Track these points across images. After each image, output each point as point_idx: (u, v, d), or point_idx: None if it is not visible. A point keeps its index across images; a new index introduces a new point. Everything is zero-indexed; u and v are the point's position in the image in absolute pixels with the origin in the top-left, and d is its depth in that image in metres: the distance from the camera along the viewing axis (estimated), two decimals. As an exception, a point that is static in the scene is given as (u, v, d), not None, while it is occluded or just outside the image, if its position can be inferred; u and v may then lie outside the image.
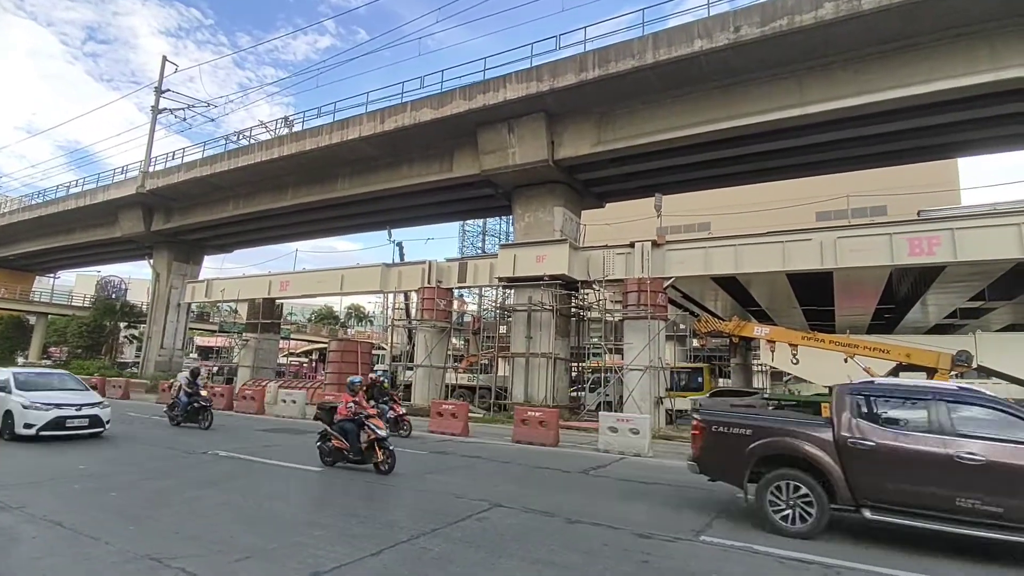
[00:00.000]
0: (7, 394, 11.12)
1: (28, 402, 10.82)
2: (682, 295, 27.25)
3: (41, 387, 11.60)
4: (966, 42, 14.55)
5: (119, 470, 8.76)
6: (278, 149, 25.75)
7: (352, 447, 9.16)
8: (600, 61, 17.74)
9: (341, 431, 9.32)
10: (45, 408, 10.83)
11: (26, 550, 4.98)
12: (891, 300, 25.37)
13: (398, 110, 22.03)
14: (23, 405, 10.78)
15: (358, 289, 28.77)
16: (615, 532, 6.16)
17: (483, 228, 50.83)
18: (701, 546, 5.81)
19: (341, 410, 9.46)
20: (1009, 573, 5.40)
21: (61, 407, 11.02)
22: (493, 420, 19.33)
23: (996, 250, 14.99)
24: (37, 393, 11.21)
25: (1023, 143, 19.54)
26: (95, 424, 11.38)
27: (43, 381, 12.06)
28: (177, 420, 14.72)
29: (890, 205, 33.30)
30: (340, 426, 9.36)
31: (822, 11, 14.52)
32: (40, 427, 10.64)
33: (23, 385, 11.36)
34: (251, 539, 5.48)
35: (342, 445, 9.23)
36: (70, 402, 11.29)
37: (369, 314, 71.47)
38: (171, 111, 35.46)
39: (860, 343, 16.23)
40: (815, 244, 16.79)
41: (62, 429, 10.90)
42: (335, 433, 9.39)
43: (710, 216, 37.51)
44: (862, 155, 20.20)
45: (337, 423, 9.44)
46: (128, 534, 5.52)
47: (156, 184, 31.10)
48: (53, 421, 10.77)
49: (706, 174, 21.95)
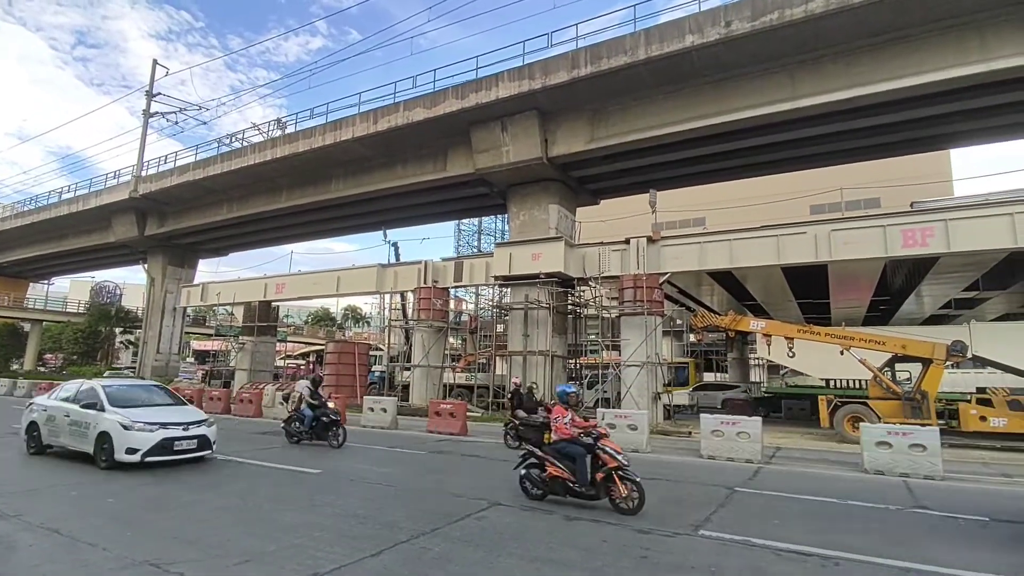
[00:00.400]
0: (99, 412, 9.32)
1: (129, 421, 9.00)
2: (678, 290, 27.30)
3: (135, 402, 9.83)
4: (956, 33, 14.59)
5: (116, 475, 8.73)
6: (271, 151, 25.67)
7: (580, 478, 7.06)
8: (592, 58, 17.74)
9: (561, 455, 7.26)
10: (149, 428, 9.06)
11: (24, 558, 4.97)
12: (886, 292, 25.47)
13: (391, 110, 21.99)
14: (123, 425, 8.97)
15: (354, 290, 28.72)
16: (614, 528, 6.19)
17: (479, 227, 50.78)
18: (700, 540, 5.84)
19: (561, 429, 7.34)
20: (1005, 561, 5.42)
21: (167, 427, 9.27)
22: (492, 419, 19.34)
23: (989, 240, 15.05)
24: (134, 410, 9.39)
25: (1015, 133, 19.60)
26: (203, 445, 9.65)
27: (134, 395, 10.18)
28: (298, 437, 12.66)
29: (883, 197, 33.42)
30: (559, 449, 7.32)
31: (812, 4, 14.55)
32: (146, 451, 8.88)
33: (116, 400, 9.59)
34: (250, 542, 5.48)
35: (562, 475, 7.15)
36: (175, 420, 9.53)
37: (366, 315, 71.41)
38: (163, 115, 35.30)
39: (856, 335, 16.31)
40: (809, 237, 16.83)
41: (169, 453, 9.16)
42: (551, 458, 7.30)
43: (705, 211, 37.66)
44: (855, 148, 20.25)
45: (553, 445, 7.48)
46: (126, 540, 5.51)
47: (149, 188, 30.99)
48: (160, 444, 9.02)
49: (700, 169, 21.98)
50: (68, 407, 9.88)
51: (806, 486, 8.99)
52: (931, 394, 15.17)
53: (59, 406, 10.11)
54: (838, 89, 15.88)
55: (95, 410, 9.37)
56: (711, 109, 17.55)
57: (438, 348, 23.58)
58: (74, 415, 9.67)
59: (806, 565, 5.16)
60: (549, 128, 20.11)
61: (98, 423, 9.17)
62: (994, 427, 15.35)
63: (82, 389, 10.10)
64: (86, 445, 9.28)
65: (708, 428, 12.30)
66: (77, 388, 10.28)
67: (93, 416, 9.32)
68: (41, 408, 10.51)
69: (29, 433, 10.46)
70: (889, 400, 15.64)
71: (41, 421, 10.29)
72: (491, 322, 27.61)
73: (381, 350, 37.43)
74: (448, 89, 20.74)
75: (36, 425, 10.34)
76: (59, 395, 10.54)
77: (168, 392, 11.27)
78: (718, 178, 24.04)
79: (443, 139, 22.22)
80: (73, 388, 10.43)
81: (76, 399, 9.89)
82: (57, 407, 10.13)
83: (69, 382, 11.30)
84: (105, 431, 9.02)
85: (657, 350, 19.13)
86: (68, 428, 9.71)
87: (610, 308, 21.35)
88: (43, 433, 10.19)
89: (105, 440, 8.99)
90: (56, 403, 10.27)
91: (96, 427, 9.16)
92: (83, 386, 10.21)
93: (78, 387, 10.32)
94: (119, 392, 9.96)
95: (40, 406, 10.60)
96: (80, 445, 9.43)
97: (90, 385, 10.16)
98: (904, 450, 10.13)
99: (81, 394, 9.95)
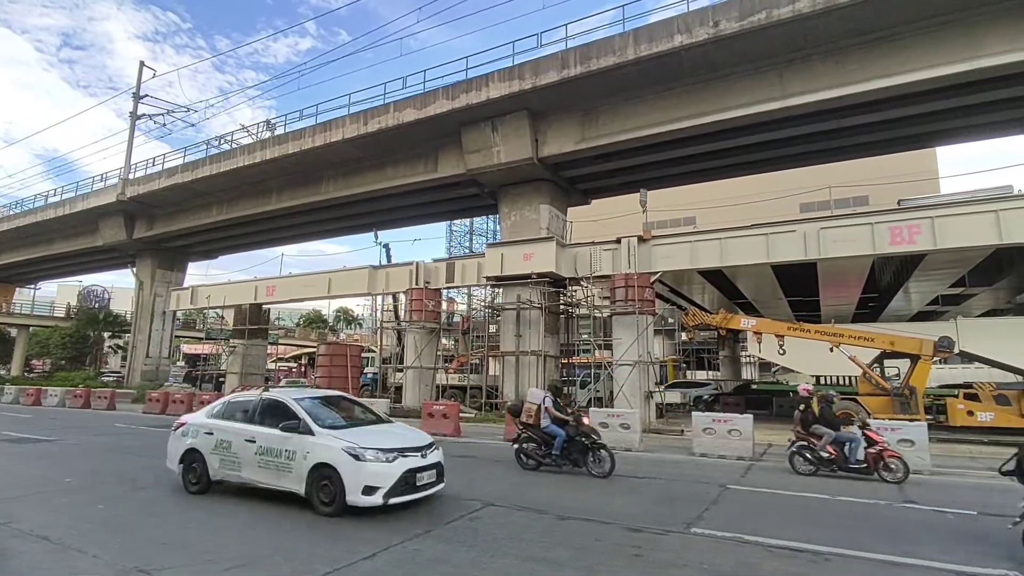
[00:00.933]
0: (306, 436, 6.92)
1: (357, 448, 6.58)
2: (669, 289, 27.44)
3: (338, 421, 7.58)
4: (944, 32, 14.71)
5: (106, 480, 8.65)
6: (260, 153, 25.52)
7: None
8: (581, 58, 17.78)
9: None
10: (386, 458, 6.62)
11: (13, 566, 4.92)
12: (874, 289, 25.72)
13: (381, 111, 21.93)
14: (351, 454, 6.54)
15: (346, 292, 28.61)
16: (607, 527, 6.21)
17: (470, 227, 50.86)
18: (692, 538, 5.87)
19: None
20: (992, 553, 5.50)
21: (404, 453, 6.85)
22: (484, 419, 19.33)
23: (974, 237, 15.23)
24: (349, 432, 7.08)
25: (1002, 131, 19.81)
26: (440, 476, 7.26)
27: (329, 410, 7.82)
28: (538, 462, 9.85)
29: (872, 195, 33.76)
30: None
31: (799, 4, 14.65)
32: (388, 490, 6.45)
33: (319, 419, 7.25)
34: (243, 547, 5.46)
35: None
36: (407, 444, 7.10)
37: (358, 317, 71.14)
38: (150, 117, 34.99)
39: (845, 332, 16.45)
40: (799, 235, 16.96)
41: (412, 490, 6.74)
42: None
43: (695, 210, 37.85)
44: (843, 146, 20.42)
45: None
46: (116, 546, 5.47)
47: (137, 191, 30.71)
48: (403, 479, 6.62)
49: (690, 168, 22.09)
50: (251, 430, 7.40)
51: (797, 482, 9.06)
52: (919, 389, 15.34)
53: (234, 428, 7.61)
54: (827, 88, 16.01)
55: (298, 433, 6.96)
56: (701, 109, 17.64)
57: (430, 349, 23.54)
58: (264, 440, 7.18)
59: (797, 561, 5.20)
60: (540, 128, 20.14)
61: (310, 452, 6.79)
62: (981, 421, 15.54)
63: (263, 404, 7.66)
64: (291, 482, 6.88)
65: (700, 426, 12.38)
66: (252, 403, 7.81)
67: (298, 442, 6.90)
68: (203, 431, 7.88)
69: (186, 464, 7.90)
70: (878, 396, 15.80)
71: (206, 448, 7.70)
72: (483, 323, 27.59)
73: (373, 352, 37.33)
74: (438, 90, 20.71)
75: (198, 454, 7.76)
76: (221, 411, 8.05)
77: (362, 405, 8.93)
78: (708, 177, 24.18)
79: (434, 140, 22.19)
80: (244, 403, 7.98)
81: (259, 418, 7.52)
82: (231, 429, 7.62)
83: (232, 395, 8.84)
84: (325, 463, 6.65)
85: (649, 349, 19.20)
86: (256, 459, 7.20)
87: (602, 307, 21.40)
88: (211, 464, 7.61)
89: (325, 475, 6.63)
90: (227, 424, 7.73)
91: (308, 457, 6.78)
92: (261, 401, 7.72)
93: (252, 402, 7.86)
94: (315, 408, 7.54)
95: (200, 428, 7.95)
96: (279, 482, 7.00)
97: (275, 399, 7.66)
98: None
99: (265, 411, 7.56)
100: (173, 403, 21.28)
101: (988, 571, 5.02)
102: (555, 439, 9.54)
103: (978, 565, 5.15)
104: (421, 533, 5.87)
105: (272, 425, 7.21)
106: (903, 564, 5.19)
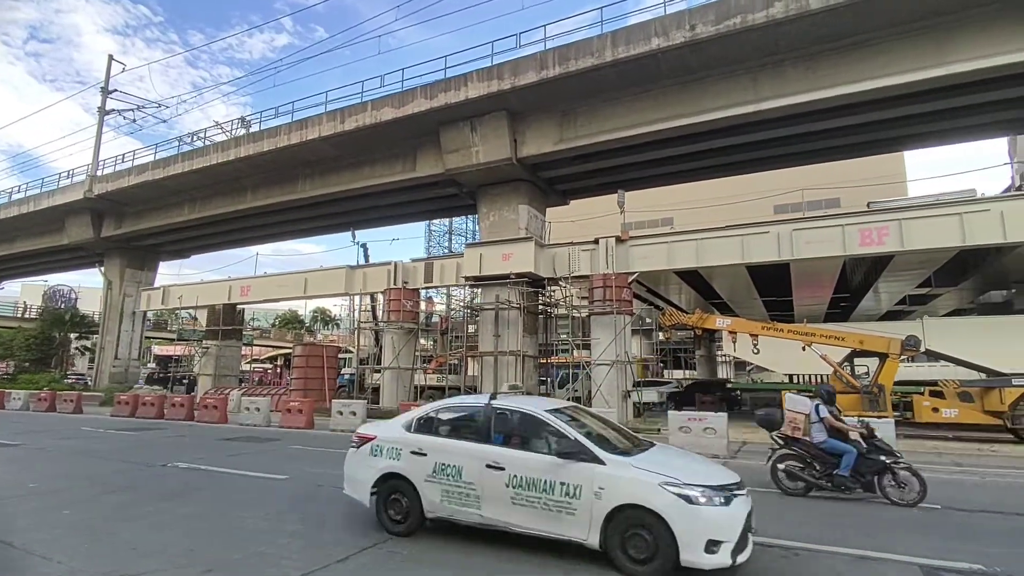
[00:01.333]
0: (595, 466, 5.04)
1: (682, 485, 4.74)
2: (647, 289, 27.74)
3: (619, 444, 5.72)
4: (914, 38, 15.08)
5: (73, 484, 8.40)
6: (235, 150, 25.07)
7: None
8: (560, 59, 17.85)
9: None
10: (721, 499, 4.76)
11: (-30, 575, 4.75)
12: (846, 289, 26.36)
13: (358, 109, 21.72)
14: (682, 495, 4.70)
15: (322, 292, 28.28)
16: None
17: (449, 227, 50.62)
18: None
19: None
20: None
21: (733, 491, 4.92)
22: (463, 420, 19.24)
23: (940, 239, 15.73)
24: (642, 459, 5.24)
25: (970, 135, 20.41)
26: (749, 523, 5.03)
27: (587, 428, 5.79)
28: (809, 484, 8.05)
29: (843, 197, 34.54)
30: None
31: (772, 10, 14.93)
32: (735, 545, 4.61)
33: (605, 443, 5.51)
34: (215, 551, 5.35)
35: None
36: (726, 480, 5.06)
37: (335, 317, 70.35)
38: (119, 112, 34.16)
39: (816, 331, 16.80)
40: (772, 236, 17.29)
41: (746, 543, 4.80)
42: None
43: (672, 211, 38.28)
44: (816, 149, 20.86)
45: None
46: (84, 551, 5.32)
47: (105, 188, 29.90)
48: (745, 529, 4.80)
49: (667, 170, 22.34)
50: (494, 452, 5.43)
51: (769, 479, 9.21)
52: (887, 387, 15.74)
53: (464, 449, 5.61)
54: (799, 92, 16.33)
55: (579, 461, 5.07)
56: (677, 111, 17.85)
57: (409, 350, 23.40)
58: (519, 468, 5.25)
59: (767, 556, 5.29)
60: (519, 129, 20.16)
61: (605, 489, 4.90)
62: (946, 417, 16.00)
63: (502, 416, 5.74)
64: (573, 528, 5.00)
65: (676, 425, 12.54)
66: (478, 413, 5.88)
67: (582, 474, 5.00)
68: (407, 449, 5.86)
69: (383, 494, 5.92)
70: (848, 393, 16.16)
71: (417, 474, 5.72)
72: (462, 323, 27.55)
73: (351, 352, 36.97)
74: (417, 89, 20.59)
75: (404, 482, 5.79)
76: (430, 423, 6.09)
77: (595, 415, 6.72)
78: (686, 179, 24.49)
79: (412, 139, 22.05)
80: (466, 413, 6.17)
81: (498, 435, 5.60)
82: (458, 451, 5.63)
83: (442, 402, 6.62)
84: (635, 505, 4.77)
85: (627, 348, 19.38)
86: (508, 493, 5.24)
87: (580, 308, 21.53)
88: (426, 496, 5.65)
89: (636, 522, 4.76)
90: (451, 443, 5.75)
91: (602, 496, 4.88)
92: (495, 413, 5.76)
93: (477, 411, 5.92)
94: (572, 424, 5.63)
95: (402, 445, 5.92)
96: (552, 527, 5.10)
97: (522, 411, 5.74)
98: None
99: (506, 426, 5.66)
100: (143, 406, 20.77)
101: (954, 564, 5.17)
102: (841, 457, 7.76)
103: (944, 559, 5.30)
104: (388, 538, 5.82)
105: (526, 447, 5.43)
106: (871, 558, 5.32)
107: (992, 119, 18.21)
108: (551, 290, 21.80)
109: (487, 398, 6.03)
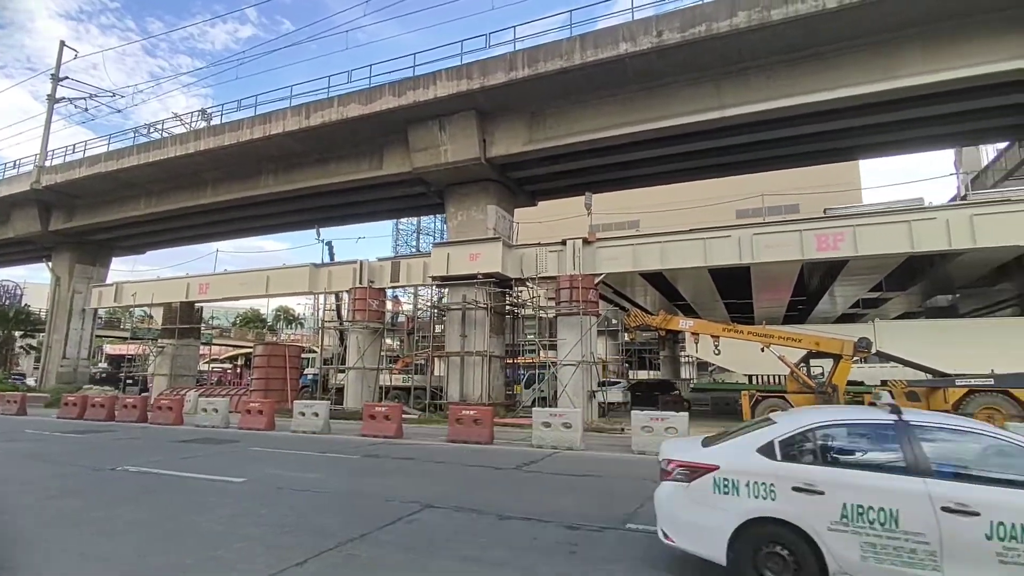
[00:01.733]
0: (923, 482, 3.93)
1: None
2: (613, 291, 28.08)
3: None
4: (863, 53, 15.74)
5: (13, 490, 7.99)
6: (194, 144, 24.31)
7: None
8: (529, 61, 17.92)
9: None
10: None
11: None
12: (803, 292, 27.21)
13: (324, 105, 21.34)
14: None
15: (285, 291, 27.69)
16: (544, 526, 6.26)
17: (417, 226, 50.26)
18: (629, 534, 6.01)
19: None
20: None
21: None
22: (428, 421, 19.14)
23: (890, 245, 16.43)
24: None
25: (920, 146, 21.44)
26: None
27: None
28: None
29: (801, 204, 35.66)
30: None
31: (736, 19, 15.33)
32: None
33: None
34: (165, 557, 5.16)
35: None
36: None
37: (299, 316, 68.91)
38: (71, 100, 32.72)
39: (775, 333, 17.28)
40: (734, 240, 17.74)
41: None
42: None
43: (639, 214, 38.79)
44: (775, 156, 21.49)
45: None
46: (25, 562, 5.05)
47: (54, 180, 28.58)
48: None
49: (634, 173, 22.66)
50: (963, 490, 3.86)
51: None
52: (841, 387, 16.30)
53: (897, 485, 3.99)
54: (759, 100, 16.81)
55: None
56: (644, 115, 18.13)
57: (374, 350, 23.11)
58: (1007, 514, 3.70)
59: (725, 552, 5.39)
60: (488, 129, 20.14)
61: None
62: (895, 416, 16.65)
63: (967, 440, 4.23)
64: None
65: (639, 424, 12.71)
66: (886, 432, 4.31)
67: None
68: (787, 485, 4.23)
69: (749, 546, 4.27)
70: (804, 393, 16.69)
71: (816, 522, 4.10)
72: (429, 323, 27.36)
73: (315, 352, 36.24)
74: (385, 86, 20.36)
75: (792, 533, 4.15)
76: (810, 444, 4.42)
77: None
78: (653, 182, 24.88)
79: (379, 137, 21.79)
80: (860, 430, 4.56)
81: (932, 462, 4.02)
82: (887, 487, 4.01)
83: (818, 413, 4.89)
84: None
85: (592, 349, 19.57)
86: (990, 548, 3.70)
87: (547, 308, 21.64)
88: (834, 552, 4.00)
89: None
90: (873, 477, 4.10)
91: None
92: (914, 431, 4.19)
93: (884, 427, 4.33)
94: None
95: (779, 479, 4.27)
96: None
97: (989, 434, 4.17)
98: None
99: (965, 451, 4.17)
100: (92, 407, 19.92)
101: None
102: None
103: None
104: (356, 537, 5.72)
105: (990, 481, 3.91)
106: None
107: (940, 132, 19.11)
108: (518, 291, 21.85)
109: (887, 412, 4.48)
